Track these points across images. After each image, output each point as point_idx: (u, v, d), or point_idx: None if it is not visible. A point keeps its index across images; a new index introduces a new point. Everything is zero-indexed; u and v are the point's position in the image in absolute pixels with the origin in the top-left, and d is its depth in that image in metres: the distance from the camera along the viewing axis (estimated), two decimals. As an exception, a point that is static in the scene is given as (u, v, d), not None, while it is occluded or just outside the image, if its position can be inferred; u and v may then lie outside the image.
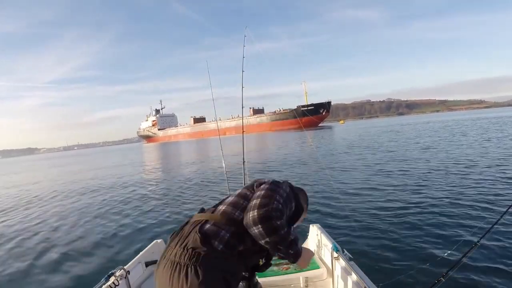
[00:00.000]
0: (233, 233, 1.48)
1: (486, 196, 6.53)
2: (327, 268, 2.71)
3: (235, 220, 1.52)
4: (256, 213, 1.45)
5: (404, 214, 5.87)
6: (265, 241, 1.45)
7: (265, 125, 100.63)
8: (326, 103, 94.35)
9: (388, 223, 5.51)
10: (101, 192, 12.50)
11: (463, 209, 5.83)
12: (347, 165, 12.62)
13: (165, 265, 1.42)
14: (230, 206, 1.61)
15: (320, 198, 7.60)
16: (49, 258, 5.73)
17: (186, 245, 1.42)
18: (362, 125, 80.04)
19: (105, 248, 5.93)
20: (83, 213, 9.02)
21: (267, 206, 1.47)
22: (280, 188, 1.67)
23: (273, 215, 1.46)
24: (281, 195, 1.61)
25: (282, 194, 1.63)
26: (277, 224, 1.45)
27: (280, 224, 1.46)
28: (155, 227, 6.83)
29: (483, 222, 5.04)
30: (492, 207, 5.83)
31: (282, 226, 1.47)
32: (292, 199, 1.72)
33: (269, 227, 1.43)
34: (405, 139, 23.53)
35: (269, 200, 1.52)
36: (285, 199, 1.62)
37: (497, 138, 17.67)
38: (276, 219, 1.46)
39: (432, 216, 5.61)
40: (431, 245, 4.48)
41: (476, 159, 11.03)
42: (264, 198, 1.53)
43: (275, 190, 1.62)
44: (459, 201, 6.36)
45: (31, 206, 11.19)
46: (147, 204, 9.14)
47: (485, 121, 38.89)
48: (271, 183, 1.70)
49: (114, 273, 2.34)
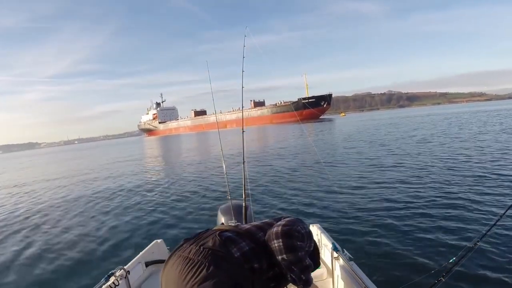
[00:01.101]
0: (252, 248, 1.48)
1: (486, 196, 6.48)
2: (327, 268, 2.71)
3: (257, 239, 1.55)
4: (280, 229, 1.53)
5: (404, 214, 5.85)
6: (282, 257, 1.49)
7: (266, 118, 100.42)
8: (327, 95, 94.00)
9: (388, 223, 5.49)
10: (101, 192, 12.46)
11: (463, 209, 5.80)
12: (347, 163, 12.55)
13: (175, 261, 1.40)
14: (255, 227, 1.65)
15: (320, 198, 7.56)
16: (49, 258, 5.72)
17: (203, 245, 1.41)
18: (363, 118, 79.77)
19: (105, 248, 5.91)
20: (82, 213, 9.00)
21: (291, 226, 1.56)
22: (302, 223, 1.73)
23: (295, 235, 1.54)
24: (303, 227, 1.67)
25: (304, 227, 1.69)
26: (297, 244, 1.52)
27: (300, 245, 1.53)
28: (155, 227, 6.80)
29: (483, 223, 5.03)
30: (492, 207, 5.79)
31: (302, 248, 1.54)
32: (312, 238, 1.75)
33: (289, 244, 1.49)
34: (404, 132, 23.50)
35: (293, 224, 1.61)
36: (307, 232, 1.69)
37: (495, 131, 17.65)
38: (297, 240, 1.53)
39: (432, 216, 5.58)
40: (431, 245, 4.47)
41: (476, 160, 10.97)
42: (289, 222, 1.62)
43: (297, 222, 1.69)
44: (459, 201, 6.32)
45: (30, 205, 11.19)
46: (147, 204, 9.08)
47: (484, 114, 38.79)
48: (294, 218, 1.76)
49: (114, 273, 2.35)
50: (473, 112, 48.04)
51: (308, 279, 1.62)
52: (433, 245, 4.47)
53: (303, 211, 6.63)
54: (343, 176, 9.96)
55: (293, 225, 1.59)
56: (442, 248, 4.31)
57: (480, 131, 18.34)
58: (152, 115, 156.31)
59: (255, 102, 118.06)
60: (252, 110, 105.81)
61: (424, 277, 3.31)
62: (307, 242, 1.65)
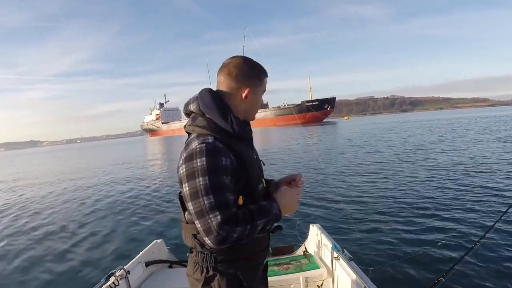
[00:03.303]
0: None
1: (486, 196, 6.49)
2: (327, 268, 2.72)
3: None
4: (209, 242, 1.19)
5: (404, 215, 5.85)
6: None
7: (269, 120, 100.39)
8: (331, 98, 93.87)
9: (388, 223, 5.51)
10: (101, 191, 12.48)
11: (463, 210, 5.81)
12: (348, 164, 12.56)
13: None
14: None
15: (320, 198, 7.58)
16: (49, 258, 5.74)
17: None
18: (366, 122, 79.66)
19: (105, 248, 5.92)
20: (82, 213, 9.02)
21: (211, 233, 1.16)
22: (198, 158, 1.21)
23: (221, 236, 1.15)
24: (205, 177, 1.18)
25: (204, 173, 1.19)
26: (230, 236, 1.17)
27: (231, 234, 1.17)
28: (155, 227, 6.81)
29: (483, 223, 5.03)
30: (492, 207, 5.80)
31: (233, 231, 1.17)
32: (221, 153, 1.22)
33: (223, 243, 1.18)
34: (406, 137, 23.45)
35: (202, 212, 1.17)
36: (212, 178, 1.18)
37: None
38: (225, 233, 1.16)
39: (432, 217, 5.60)
40: (431, 245, 4.47)
41: (475, 159, 10.97)
42: (197, 214, 1.19)
43: (194, 174, 1.20)
44: (459, 201, 6.33)
45: (30, 204, 11.20)
46: (147, 204, 9.09)
47: (487, 119, 38.65)
48: (185, 159, 1.26)
49: (114, 273, 2.36)
50: (480, 117, 47.88)
51: (265, 222, 1.26)
52: (433, 245, 4.46)
53: (303, 211, 6.64)
54: (344, 177, 9.97)
55: (206, 218, 1.19)
56: (442, 248, 4.31)
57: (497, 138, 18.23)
58: (155, 116, 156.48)
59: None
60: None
61: (424, 277, 3.32)
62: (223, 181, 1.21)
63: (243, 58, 1.38)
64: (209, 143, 1.23)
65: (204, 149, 1.21)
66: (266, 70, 1.41)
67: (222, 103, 1.32)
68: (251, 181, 1.32)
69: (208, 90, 1.37)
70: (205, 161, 1.19)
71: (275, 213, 1.28)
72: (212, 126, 1.28)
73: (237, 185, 1.26)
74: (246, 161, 1.29)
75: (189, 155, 1.23)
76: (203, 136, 1.27)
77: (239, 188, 1.27)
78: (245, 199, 1.28)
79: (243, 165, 1.27)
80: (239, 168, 1.26)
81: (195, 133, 1.32)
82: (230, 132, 1.28)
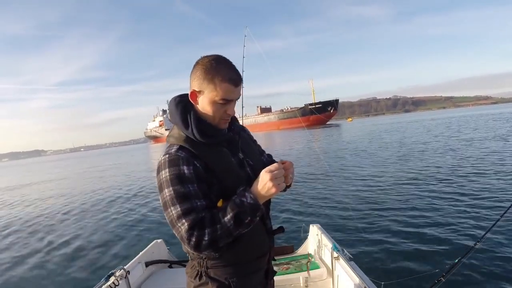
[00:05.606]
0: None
1: (485, 197, 6.43)
2: (327, 268, 2.71)
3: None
4: (189, 249, 1.23)
5: (404, 215, 5.83)
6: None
7: (273, 124, 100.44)
8: (334, 101, 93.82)
9: (388, 223, 5.49)
10: (100, 191, 12.56)
11: (463, 210, 5.77)
12: (350, 165, 12.52)
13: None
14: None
15: (320, 198, 7.59)
16: (49, 258, 5.80)
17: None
18: (368, 123, 79.46)
19: (105, 248, 5.97)
20: (82, 213, 9.09)
21: (184, 241, 1.16)
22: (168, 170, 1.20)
23: (193, 242, 1.14)
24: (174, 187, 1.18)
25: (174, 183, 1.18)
26: (202, 240, 1.15)
27: (204, 239, 1.14)
28: (155, 227, 6.87)
29: (483, 223, 5.00)
30: (492, 208, 5.74)
31: (204, 235, 1.14)
32: (183, 162, 1.21)
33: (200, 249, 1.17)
34: (406, 137, 23.37)
35: (173, 220, 1.17)
36: (178, 189, 1.17)
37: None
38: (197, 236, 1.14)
39: (432, 217, 5.56)
40: (431, 245, 4.45)
41: (475, 158, 10.90)
42: (170, 225, 1.19)
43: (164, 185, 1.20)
44: (459, 202, 6.28)
45: (30, 206, 11.31)
46: (147, 204, 9.18)
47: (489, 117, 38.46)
48: (156, 171, 1.26)
49: (114, 273, 2.37)
50: (481, 115, 47.67)
51: (240, 218, 1.17)
52: (433, 245, 4.45)
53: (304, 211, 6.66)
54: (344, 177, 9.98)
55: (176, 224, 1.20)
56: (442, 248, 4.30)
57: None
58: (158, 122, 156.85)
59: (261, 108, 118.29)
60: (259, 116, 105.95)
61: (424, 277, 3.29)
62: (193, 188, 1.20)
63: (204, 56, 1.27)
64: (171, 154, 1.22)
65: (167, 160, 1.21)
66: (230, 71, 1.24)
67: (185, 109, 1.29)
68: (225, 185, 1.25)
69: (174, 98, 1.35)
70: (168, 172, 1.19)
71: (249, 202, 1.16)
72: (181, 134, 1.27)
73: (211, 189, 1.24)
74: (214, 167, 1.25)
75: (158, 167, 1.24)
76: (172, 146, 1.27)
77: (216, 193, 1.24)
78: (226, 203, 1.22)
79: (211, 171, 1.24)
80: (208, 175, 1.23)
81: (169, 143, 1.31)
82: (194, 139, 1.25)
